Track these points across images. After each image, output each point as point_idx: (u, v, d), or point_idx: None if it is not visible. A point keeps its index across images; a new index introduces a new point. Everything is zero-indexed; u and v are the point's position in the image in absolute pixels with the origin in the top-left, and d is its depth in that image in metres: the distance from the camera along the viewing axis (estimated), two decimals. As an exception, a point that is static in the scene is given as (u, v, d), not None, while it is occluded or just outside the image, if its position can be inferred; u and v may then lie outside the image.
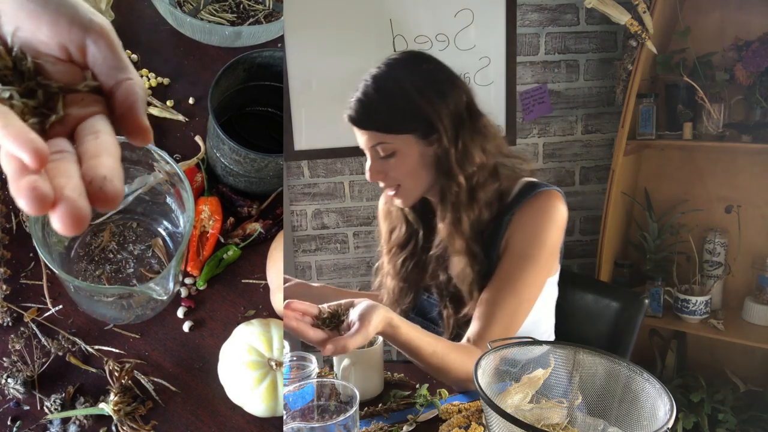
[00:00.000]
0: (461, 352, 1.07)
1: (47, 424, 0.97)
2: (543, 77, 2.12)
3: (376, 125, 1.15)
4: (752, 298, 1.96)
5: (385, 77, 1.15)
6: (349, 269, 2.21)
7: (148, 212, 1.07)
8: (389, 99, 1.14)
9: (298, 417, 0.92)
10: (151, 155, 0.95)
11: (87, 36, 0.61)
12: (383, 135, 1.15)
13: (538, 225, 1.15)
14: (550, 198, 1.17)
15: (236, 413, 1.01)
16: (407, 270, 1.28)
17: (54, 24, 0.60)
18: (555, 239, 1.17)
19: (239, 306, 1.10)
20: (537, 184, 1.19)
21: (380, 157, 1.16)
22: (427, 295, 1.27)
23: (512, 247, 1.15)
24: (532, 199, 1.16)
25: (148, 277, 1.05)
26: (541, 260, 1.15)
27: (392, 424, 1.05)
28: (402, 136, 1.14)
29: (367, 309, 0.93)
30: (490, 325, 1.12)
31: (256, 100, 1.20)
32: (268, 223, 1.15)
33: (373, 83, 1.15)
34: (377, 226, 1.37)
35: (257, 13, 1.32)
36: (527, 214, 1.16)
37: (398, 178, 1.17)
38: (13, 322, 1.03)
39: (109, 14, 1.25)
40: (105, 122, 0.61)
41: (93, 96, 0.62)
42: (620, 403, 0.89)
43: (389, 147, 1.15)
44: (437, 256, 1.23)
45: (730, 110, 1.91)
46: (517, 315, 1.14)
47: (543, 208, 1.16)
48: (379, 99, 1.14)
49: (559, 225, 1.17)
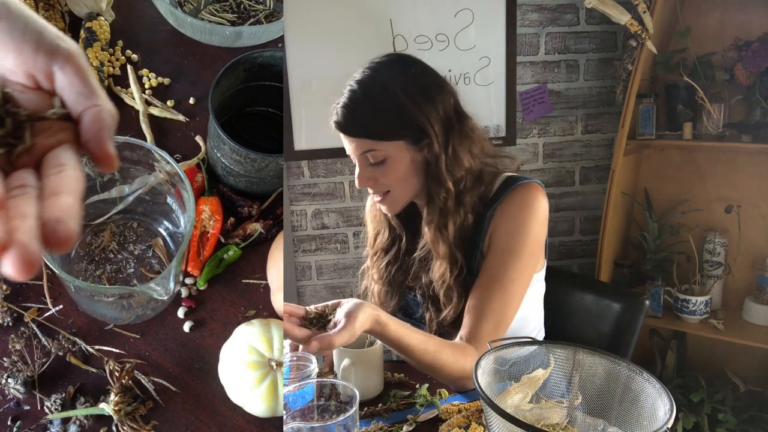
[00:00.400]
0: (454, 349, 1.07)
1: (47, 424, 0.97)
2: (543, 77, 2.12)
3: (366, 132, 1.13)
4: (752, 298, 1.96)
5: (372, 82, 1.13)
6: (349, 269, 2.21)
7: (149, 212, 1.07)
8: (378, 105, 1.12)
9: (298, 417, 0.92)
10: (152, 155, 0.95)
11: (54, 62, 0.59)
12: (373, 142, 1.13)
13: (520, 219, 1.15)
14: (530, 190, 1.16)
15: (236, 413, 1.01)
16: (390, 274, 1.27)
17: (19, 52, 0.59)
18: (538, 232, 1.16)
19: (239, 306, 1.10)
20: (516, 178, 1.19)
21: (370, 163, 1.15)
22: (413, 294, 1.28)
23: (495, 243, 1.16)
24: (512, 192, 1.16)
25: (149, 277, 1.05)
26: (525, 254, 1.15)
27: (392, 424, 1.05)
28: (392, 143, 1.13)
29: (354, 307, 0.93)
30: (480, 322, 1.12)
31: (256, 100, 1.20)
32: (269, 223, 1.15)
33: (360, 89, 1.13)
34: (365, 228, 1.37)
35: (258, 13, 1.32)
36: (508, 209, 1.16)
37: (388, 185, 1.16)
38: (14, 322, 1.03)
39: (109, 14, 1.25)
40: (71, 154, 0.59)
41: (61, 123, 0.61)
42: (620, 403, 0.89)
43: (379, 154, 1.13)
44: (420, 259, 1.22)
45: (730, 110, 1.91)
46: (506, 311, 1.14)
47: (523, 201, 1.15)
48: (367, 105, 1.12)
49: (541, 217, 1.17)
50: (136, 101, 1.20)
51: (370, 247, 1.32)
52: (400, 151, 1.14)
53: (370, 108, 1.12)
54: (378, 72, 1.15)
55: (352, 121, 1.13)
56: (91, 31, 1.21)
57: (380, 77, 1.14)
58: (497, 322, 1.13)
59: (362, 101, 1.12)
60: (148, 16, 1.28)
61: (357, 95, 1.13)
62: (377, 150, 1.13)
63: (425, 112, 1.12)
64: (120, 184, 1.01)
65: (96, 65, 1.18)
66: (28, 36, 0.59)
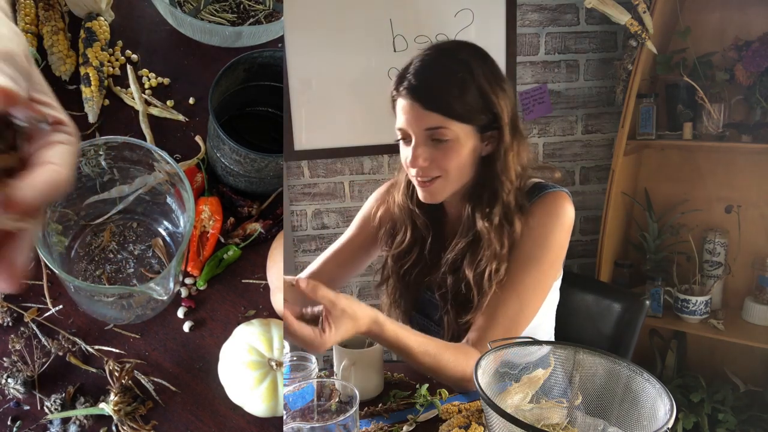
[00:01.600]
0: (456, 351, 1.06)
1: (47, 424, 0.97)
2: (543, 77, 2.12)
3: (444, 107, 1.07)
4: (752, 298, 1.96)
5: (453, 60, 1.09)
6: (349, 269, 2.21)
7: (149, 212, 1.07)
8: (461, 84, 1.07)
9: (298, 417, 0.92)
10: (152, 155, 0.95)
11: None
12: (446, 120, 1.07)
13: (545, 227, 1.13)
14: (558, 199, 1.15)
15: (236, 413, 1.01)
16: (411, 276, 1.24)
17: None
18: (561, 241, 1.15)
19: (239, 306, 1.10)
20: (544, 185, 1.17)
21: (431, 142, 1.09)
22: (429, 294, 1.25)
23: (518, 249, 1.13)
24: (540, 200, 1.15)
25: (149, 277, 1.05)
26: (546, 263, 1.13)
27: (392, 424, 1.05)
28: (464, 126, 1.09)
29: (352, 303, 0.92)
30: (490, 327, 1.10)
31: (256, 100, 1.20)
32: (268, 223, 1.15)
33: (439, 63, 1.08)
34: (362, 212, 1.32)
35: (257, 13, 1.32)
36: (534, 216, 1.14)
37: (445, 169, 1.11)
38: (13, 322, 1.03)
39: (109, 14, 1.25)
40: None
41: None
42: (620, 403, 0.89)
43: (449, 133, 1.08)
44: (452, 260, 1.18)
45: (730, 110, 1.91)
46: (519, 318, 1.12)
47: (550, 210, 1.14)
48: (448, 81, 1.07)
49: (566, 227, 1.15)
50: (136, 101, 1.20)
51: (386, 246, 1.27)
52: (468, 136, 1.10)
53: (452, 85, 1.07)
54: (458, 52, 1.11)
55: (430, 92, 1.08)
56: (91, 31, 1.21)
57: (462, 57, 1.10)
58: (508, 327, 1.10)
59: (443, 76, 1.08)
60: (148, 16, 1.28)
61: (437, 68, 1.08)
62: (447, 128, 1.08)
63: (502, 102, 1.10)
64: (120, 184, 1.01)
65: (96, 65, 1.18)
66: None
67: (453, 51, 1.12)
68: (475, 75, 1.09)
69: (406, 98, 1.09)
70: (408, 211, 1.23)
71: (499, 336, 1.08)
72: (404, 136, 1.13)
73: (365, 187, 2.15)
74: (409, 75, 1.10)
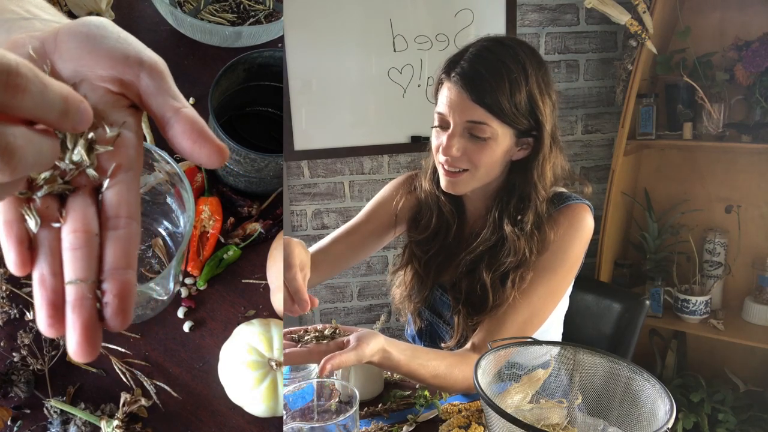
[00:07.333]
0: (464, 366, 1.04)
1: (47, 425, 0.97)
2: (543, 77, 2.12)
3: (492, 103, 1.04)
4: (752, 298, 1.96)
5: (514, 58, 1.06)
6: (348, 269, 2.21)
7: (149, 212, 1.07)
8: (513, 84, 1.05)
9: (298, 417, 0.92)
10: (152, 155, 0.95)
11: (140, 69, 0.64)
12: (490, 116, 1.05)
13: (565, 238, 1.12)
14: (581, 212, 1.13)
15: (236, 413, 1.01)
16: (431, 266, 1.22)
17: (111, 60, 0.62)
18: (579, 253, 1.14)
19: (239, 306, 1.10)
20: (567, 195, 1.16)
21: (469, 136, 1.07)
22: (441, 292, 1.23)
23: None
24: (562, 210, 1.13)
25: (149, 277, 1.05)
26: (561, 273, 1.12)
27: (392, 424, 1.05)
28: (505, 126, 1.06)
29: (367, 334, 0.93)
30: (498, 333, 1.08)
31: (256, 100, 1.20)
32: (269, 223, 1.15)
33: (498, 55, 1.06)
34: (376, 199, 1.29)
35: (257, 13, 1.32)
36: (555, 226, 1.12)
37: (476, 164, 1.08)
38: (19, 314, 1.02)
39: (109, 14, 1.25)
40: (132, 191, 0.66)
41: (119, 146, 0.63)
42: (620, 403, 0.89)
43: (489, 130, 1.06)
44: (471, 260, 1.16)
45: (730, 110, 1.91)
46: (527, 326, 1.10)
47: (572, 221, 1.12)
48: (502, 78, 1.05)
49: (585, 240, 1.14)
50: (136, 101, 1.20)
51: (412, 231, 1.25)
52: (505, 137, 1.08)
53: (506, 82, 1.05)
54: (517, 51, 1.07)
55: (481, 84, 1.05)
56: (91, 31, 1.20)
57: (520, 57, 1.07)
58: (515, 334, 1.08)
59: (498, 72, 1.05)
60: (148, 16, 1.28)
61: (493, 63, 1.05)
62: (489, 125, 1.06)
63: (547, 111, 1.08)
64: (120, 184, 1.01)
65: (96, 65, 1.18)
66: (119, 46, 0.63)
67: (513, 48, 1.08)
68: (530, 78, 1.06)
69: (456, 85, 1.06)
70: (435, 197, 1.21)
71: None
72: (442, 122, 1.10)
73: (365, 187, 2.15)
74: (463, 62, 1.07)
